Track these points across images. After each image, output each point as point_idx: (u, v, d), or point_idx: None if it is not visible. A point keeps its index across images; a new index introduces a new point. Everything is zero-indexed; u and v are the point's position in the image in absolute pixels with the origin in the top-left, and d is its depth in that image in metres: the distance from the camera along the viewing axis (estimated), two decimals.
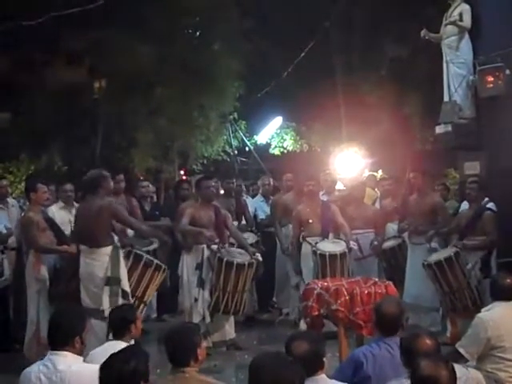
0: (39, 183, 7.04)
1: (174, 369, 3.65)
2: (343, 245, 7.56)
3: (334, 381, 3.63)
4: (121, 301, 6.21)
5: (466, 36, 9.53)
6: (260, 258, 7.31)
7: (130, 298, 6.41)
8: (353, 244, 7.56)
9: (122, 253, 6.45)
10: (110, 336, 4.74)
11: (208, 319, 7.12)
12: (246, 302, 7.28)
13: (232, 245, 7.56)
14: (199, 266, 7.21)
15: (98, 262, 6.29)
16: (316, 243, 7.60)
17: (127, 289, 6.37)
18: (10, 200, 7.99)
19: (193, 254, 7.32)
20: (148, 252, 7.35)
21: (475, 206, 7.46)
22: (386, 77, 16.24)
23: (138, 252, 6.73)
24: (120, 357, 3.27)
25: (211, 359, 6.74)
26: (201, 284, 7.21)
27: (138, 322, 4.64)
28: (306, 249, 7.79)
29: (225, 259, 7.02)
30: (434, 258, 7.20)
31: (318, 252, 7.44)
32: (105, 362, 3.24)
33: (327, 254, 7.38)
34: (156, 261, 6.87)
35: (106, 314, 5.87)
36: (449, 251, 7.20)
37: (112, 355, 3.31)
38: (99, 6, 12.37)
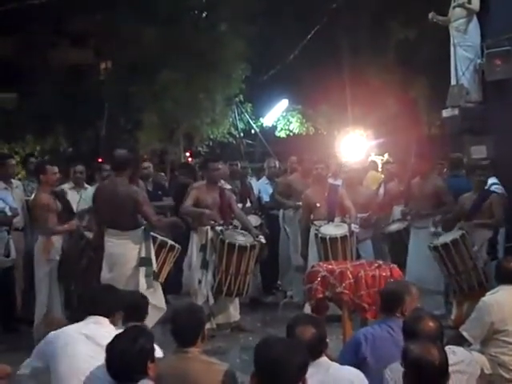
0: (48, 165, 7.04)
1: (178, 349, 3.65)
2: (345, 228, 7.54)
3: (335, 363, 3.62)
4: (153, 282, 6.22)
5: (475, 19, 9.46)
6: (263, 241, 7.29)
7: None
8: (354, 227, 7.55)
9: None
10: None
11: (212, 301, 7.13)
12: (249, 283, 7.25)
13: (236, 227, 7.56)
14: (203, 248, 7.22)
15: (130, 243, 6.28)
16: (320, 226, 7.61)
17: (156, 270, 6.38)
18: (14, 181, 7.99)
19: (198, 235, 7.33)
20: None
21: (480, 190, 7.45)
22: (392, 60, 16.14)
23: (153, 234, 6.73)
24: (127, 336, 3.29)
25: (215, 341, 6.78)
26: (204, 266, 7.21)
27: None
28: (312, 232, 7.80)
29: (227, 241, 7.01)
30: (440, 240, 7.20)
31: (320, 235, 7.46)
32: (111, 342, 3.25)
33: (327, 237, 7.38)
34: (170, 241, 6.87)
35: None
36: (455, 234, 7.19)
37: (118, 335, 3.31)
38: None
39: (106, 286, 4.74)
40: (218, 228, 7.18)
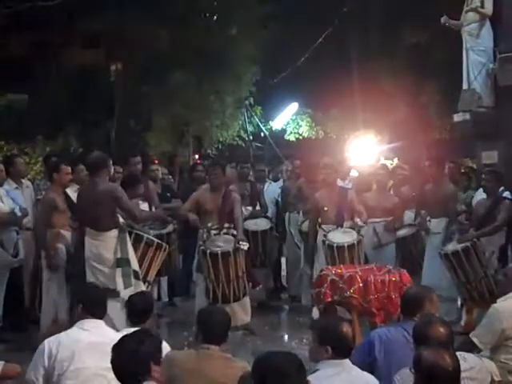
0: (62, 164, 7.05)
1: (200, 345, 3.82)
2: (353, 235, 7.42)
3: (356, 367, 3.67)
4: (134, 281, 6.24)
5: (487, 23, 9.41)
6: (245, 248, 7.05)
7: (141, 277, 6.42)
8: (366, 230, 7.53)
9: (127, 234, 6.45)
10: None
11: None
12: (245, 286, 7.10)
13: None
14: (198, 250, 7.20)
15: (105, 244, 6.31)
16: (329, 231, 7.54)
17: (137, 269, 6.40)
18: (25, 181, 8.00)
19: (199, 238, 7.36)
20: (161, 235, 7.36)
21: (493, 195, 7.39)
22: (403, 63, 16.09)
23: (139, 233, 6.73)
24: (133, 339, 3.28)
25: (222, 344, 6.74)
26: (199, 269, 7.22)
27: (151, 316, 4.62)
28: (320, 236, 7.75)
29: (208, 251, 6.86)
30: (450, 247, 7.14)
31: (327, 243, 7.38)
32: (117, 343, 3.24)
33: (335, 245, 7.29)
34: (156, 240, 6.85)
35: (122, 294, 5.99)
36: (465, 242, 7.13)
37: (124, 337, 3.31)
38: None
39: (95, 286, 4.88)
40: (214, 232, 7.12)
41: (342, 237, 7.45)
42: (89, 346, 3.86)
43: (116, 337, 3.93)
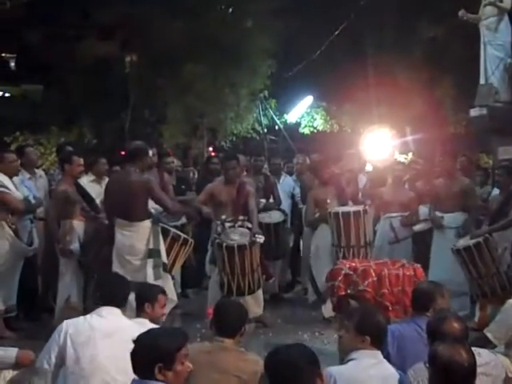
0: (75, 155, 7.07)
1: (215, 337, 3.84)
2: (359, 207, 7.63)
3: (385, 360, 3.67)
4: (162, 273, 6.24)
5: (506, 17, 9.37)
6: (261, 241, 6.96)
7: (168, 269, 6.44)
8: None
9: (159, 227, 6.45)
10: None
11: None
12: (259, 279, 7.05)
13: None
14: (212, 243, 7.20)
15: (138, 235, 6.29)
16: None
17: (166, 261, 6.40)
18: (38, 171, 8.04)
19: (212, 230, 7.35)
20: (176, 227, 7.37)
21: (506, 190, 7.32)
22: (419, 58, 15.99)
23: (166, 227, 6.73)
24: (154, 333, 3.25)
25: None
26: (213, 261, 7.22)
27: (156, 305, 4.60)
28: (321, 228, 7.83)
29: (224, 244, 6.80)
30: (462, 243, 7.08)
31: (333, 212, 7.47)
32: (139, 337, 3.17)
33: (340, 211, 7.40)
34: (183, 235, 6.86)
35: None
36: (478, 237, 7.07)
37: (149, 331, 3.27)
38: None
39: (118, 276, 4.86)
40: (228, 224, 7.10)
41: (347, 207, 7.66)
42: (104, 333, 3.87)
43: (131, 326, 3.96)
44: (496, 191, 7.84)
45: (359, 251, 7.38)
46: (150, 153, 7.98)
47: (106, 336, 3.85)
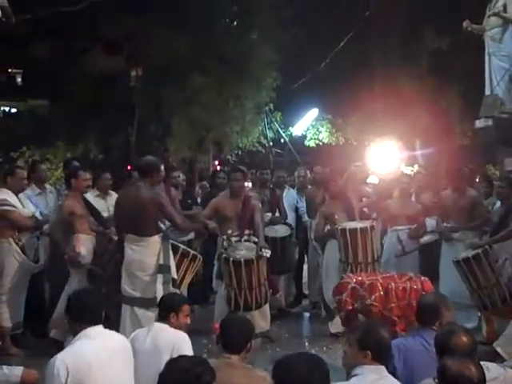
0: (81, 170, 7.07)
1: (221, 354, 3.82)
2: (366, 223, 7.53)
3: (390, 375, 3.62)
4: (172, 289, 6.22)
5: (510, 28, 9.34)
6: (267, 255, 6.92)
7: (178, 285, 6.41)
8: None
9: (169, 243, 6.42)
10: None
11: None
12: (267, 293, 7.01)
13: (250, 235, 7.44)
14: (219, 257, 7.17)
15: (148, 250, 6.26)
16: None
17: (176, 277, 6.36)
18: (48, 186, 8.06)
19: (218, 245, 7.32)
20: (183, 242, 7.34)
21: (507, 202, 7.28)
22: (424, 69, 16.00)
23: (175, 243, 6.70)
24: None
25: None
26: (220, 276, 7.18)
27: (180, 314, 4.62)
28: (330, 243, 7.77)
29: (231, 259, 6.77)
30: (462, 254, 7.05)
31: (340, 228, 7.40)
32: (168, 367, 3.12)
33: (347, 227, 7.34)
34: (192, 251, 6.83)
35: None
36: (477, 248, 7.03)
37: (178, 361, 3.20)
38: None
39: (92, 291, 4.63)
40: (234, 239, 7.08)
41: (355, 224, 7.55)
42: (103, 354, 3.81)
43: (123, 340, 3.94)
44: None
45: (367, 267, 7.29)
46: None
47: (107, 357, 3.76)
